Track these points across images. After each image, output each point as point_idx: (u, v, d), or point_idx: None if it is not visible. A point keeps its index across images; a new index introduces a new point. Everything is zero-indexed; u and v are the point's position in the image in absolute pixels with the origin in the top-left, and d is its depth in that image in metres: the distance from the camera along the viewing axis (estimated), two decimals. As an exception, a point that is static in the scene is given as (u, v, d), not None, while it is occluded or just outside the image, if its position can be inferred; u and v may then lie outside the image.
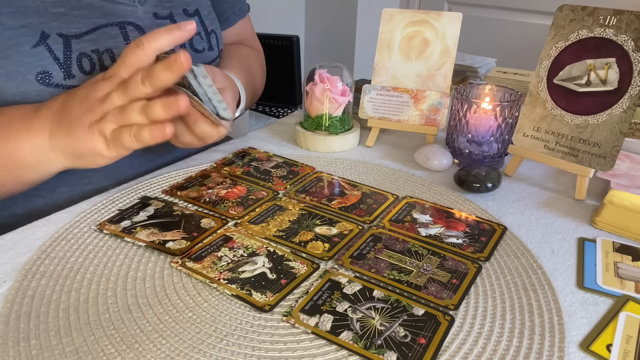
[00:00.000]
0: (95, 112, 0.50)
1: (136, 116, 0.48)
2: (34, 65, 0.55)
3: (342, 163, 0.71)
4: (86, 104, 0.50)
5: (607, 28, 0.59)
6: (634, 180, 0.63)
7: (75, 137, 0.51)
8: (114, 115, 0.49)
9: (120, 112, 0.49)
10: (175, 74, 0.47)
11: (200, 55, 0.72)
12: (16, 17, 0.54)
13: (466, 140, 0.70)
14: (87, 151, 0.51)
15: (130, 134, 0.49)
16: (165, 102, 0.47)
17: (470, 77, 1.03)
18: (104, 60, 0.60)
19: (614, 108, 0.58)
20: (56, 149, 0.52)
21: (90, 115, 0.50)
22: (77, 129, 0.51)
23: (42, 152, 0.53)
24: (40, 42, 0.55)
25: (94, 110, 0.50)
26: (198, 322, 0.41)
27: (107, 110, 0.49)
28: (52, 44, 0.56)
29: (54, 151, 0.53)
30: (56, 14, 0.57)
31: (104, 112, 0.49)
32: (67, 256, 0.48)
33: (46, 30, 0.56)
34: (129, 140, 0.49)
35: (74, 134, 0.51)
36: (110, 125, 0.49)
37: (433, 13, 0.73)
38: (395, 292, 0.45)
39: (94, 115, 0.50)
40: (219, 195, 0.60)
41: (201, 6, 0.74)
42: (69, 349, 0.38)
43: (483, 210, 0.59)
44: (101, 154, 0.51)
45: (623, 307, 0.44)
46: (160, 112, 0.48)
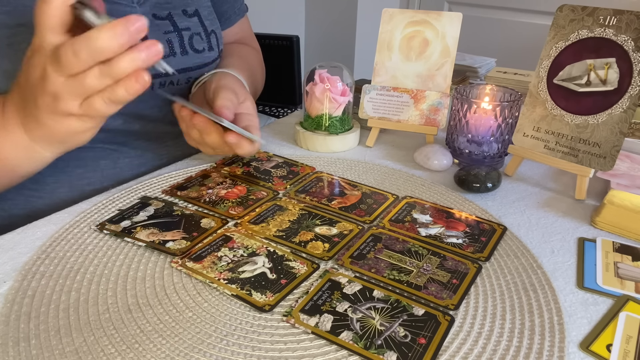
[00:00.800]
0: (44, 93, 0.45)
1: (98, 82, 0.43)
2: None
3: (342, 163, 0.71)
4: (33, 88, 0.46)
5: (607, 28, 0.59)
6: (634, 180, 0.63)
7: (45, 125, 0.48)
8: (68, 92, 0.44)
9: (74, 87, 0.43)
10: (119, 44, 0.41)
11: (200, 55, 0.72)
12: (14, 16, 0.54)
13: (466, 140, 0.70)
14: (64, 133, 0.48)
15: (103, 98, 0.44)
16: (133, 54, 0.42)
17: (470, 77, 1.03)
18: None
19: (614, 108, 0.58)
20: (36, 140, 0.50)
21: (42, 99, 0.45)
22: (41, 117, 0.47)
23: (26, 147, 0.51)
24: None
25: (42, 92, 0.45)
26: (198, 322, 0.41)
27: (54, 89, 0.44)
28: None
29: (36, 143, 0.50)
30: None
31: (53, 92, 0.44)
32: (67, 256, 0.48)
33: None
34: (103, 106, 0.45)
35: (43, 123, 0.48)
36: (69, 102, 0.45)
37: (433, 13, 0.73)
38: (395, 292, 0.45)
39: (46, 98, 0.45)
40: (219, 195, 0.60)
41: (201, 6, 0.74)
42: (69, 349, 0.38)
43: (483, 210, 0.59)
44: (80, 131, 0.48)
45: (623, 307, 0.44)
46: (126, 66, 0.42)
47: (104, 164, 0.67)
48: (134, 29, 0.41)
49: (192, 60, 0.71)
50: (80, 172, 0.65)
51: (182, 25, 0.70)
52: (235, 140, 0.57)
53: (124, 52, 0.42)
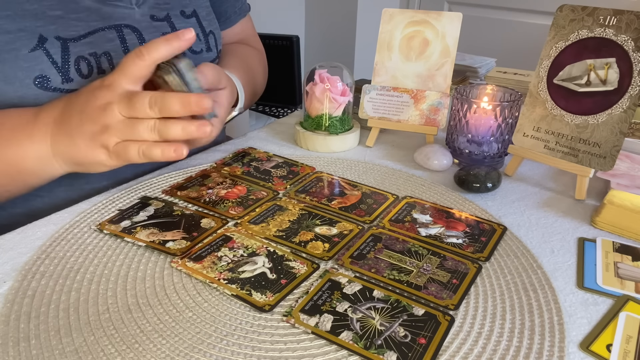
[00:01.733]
0: (96, 122, 0.50)
1: (147, 133, 0.49)
2: (31, 69, 0.55)
3: (342, 163, 0.71)
4: (86, 113, 0.50)
5: (607, 28, 0.59)
6: (634, 180, 0.63)
7: (77, 146, 0.51)
8: (118, 129, 0.49)
9: (127, 127, 0.49)
10: (189, 112, 0.48)
11: (198, 56, 0.72)
12: (14, 20, 0.54)
13: (466, 140, 0.70)
14: (88, 161, 0.52)
15: (138, 149, 0.49)
16: (186, 125, 0.48)
17: (470, 77, 1.03)
18: (102, 64, 0.60)
19: (614, 108, 0.58)
20: (57, 156, 0.53)
21: (91, 126, 0.50)
22: (78, 139, 0.51)
23: (44, 159, 0.53)
24: (38, 45, 0.55)
25: (94, 120, 0.50)
26: (198, 322, 0.41)
27: (108, 123, 0.49)
28: (50, 48, 0.56)
29: (55, 158, 0.53)
30: (54, 17, 0.57)
31: (105, 124, 0.49)
32: (67, 256, 0.48)
33: (44, 34, 0.56)
34: (135, 156, 0.50)
35: (75, 144, 0.51)
36: (113, 138, 0.50)
37: (433, 13, 0.73)
38: (395, 292, 0.45)
39: (95, 126, 0.50)
40: (219, 195, 0.60)
41: (199, 7, 0.74)
42: (69, 349, 0.38)
43: (483, 210, 0.59)
44: (102, 164, 0.52)
45: (623, 307, 0.44)
46: (179, 133, 0.48)
47: None
48: (203, 105, 0.48)
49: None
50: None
51: (179, 27, 0.70)
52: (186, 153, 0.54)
53: (181, 119, 0.49)
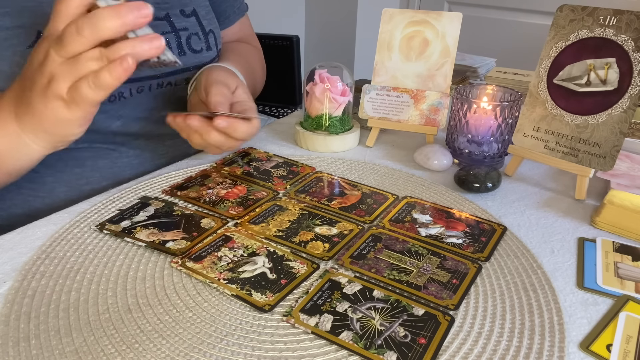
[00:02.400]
0: (42, 75, 0.45)
1: (92, 63, 0.43)
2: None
3: (342, 163, 0.71)
4: (33, 72, 0.46)
5: (607, 28, 0.59)
6: (634, 180, 0.63)
7: (34, 108, 0.47)
8: (61, 72, 0.44)
9: (70, 65, 0.44)
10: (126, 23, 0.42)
11: (198, 55, 0.72)
12: (12, 17, 0.54)
13: (466, 140, 0.70)
14: (51, 121, 0.48)
15: (88, 83, 0.44)
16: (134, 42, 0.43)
17: (470, 77, 1.03)
18: None
19: (614, 108, 0.58)
20: (25, 129, 0.50)
21: (39, 81, 0.46)
22: (33, 100, 0.47)
23: (14, 138, 0.50)
24: (36, 42, 0.55)
25: (41, 73, 0.45)
26: (198, 322, 0.41)
27: (51, 70, 0.44)
28: None
29: (24, 132, 0.50)
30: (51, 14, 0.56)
31: (50, 72, 0.45)
32: (67, 256, 0.48)
33: (42, 31, 0.56)
34: (89, 91, 0.44)
35: (32, 106, 0.47)
36: (61, 83, 0.45)
37: (433, 13, 0.73)
38: (395, 292, 0.45)
39: (42, 79, 0.45)
40: (219, 195, 0.60)
41: (199, 6, 0.74)
42: (69, 349, 0.38)
43: (483, 210, 0.59)
44: (66, 118, 0.47)
45: (623, 307, 0.44)
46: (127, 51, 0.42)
47: (102, 164, 0.67)
48: (138, 12, 0.42)
49: (190, 60, 0.71)
50: (79, 171, 0.65)
51: (179, 26, 0.70)
52: (226, 124, 0.56)
53: (127, 39, 0.43)
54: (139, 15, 0.42)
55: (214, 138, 0.58)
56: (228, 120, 0.56)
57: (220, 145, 0.60)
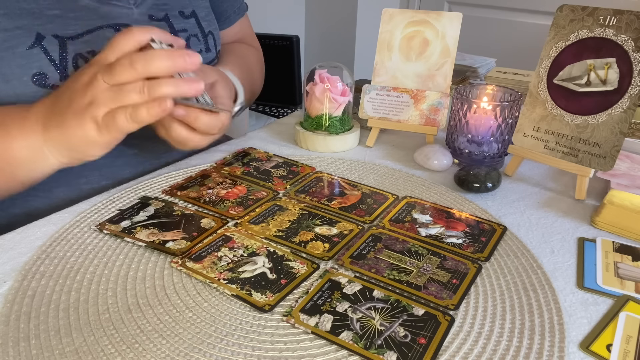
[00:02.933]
0: (83, 97, 0.48)
1: (135, 95, 0.47)
2: (29, 66, 0.55)
3: (342, 163, 0.71)
4: (74, 91, 0.49)
5: (607, 28, 0.59)
6: (634, 180, 0.63)
7: (66, 124, 0.49)
8: (104, 98, 0.47)
9: (114, 93, 0.47)
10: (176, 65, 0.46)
11: None
12: (11, 18, 0.54)
13: (466, 140, 0.70)
14: (79, 139, 0.50)
15: (125, 114, 0.47)
16: (175, 80, 0.47)
17: (470, 77, 1.03)
18: None
19: (614, 108, 0.58)
20: (48, 141, 0.51)
21: (78, 101, 0.48)
22: (67, 116, 0.49)
23: (35, 149, 0.51)
24: (36, 43, 0.55)
25: (82, 95, 0.48)
26: (198, 322, 0.41)
27: (94, 93, 0.47)
28: (48, 46, 0.56)
29: (46, 145, 0.51)
30: (51, 16, 0.57)
31: (92, 96, 0.47)
32: (67, 256, 0.48)
33: (41, 32, 0.56)
34: (124, 121, 0.47)
35: (65, 122, 0.49)
36: (101, 108, 0.47)
37: (433, 13, 0.73)
38: (395, 292, 0.45)
39: (82, 100, 0.48)
40: (219, 195, 0.60)
41: (198, 7, 0.74)
42: (69, 349, 0.38)
43: (483, 210, 0.59)
44: (93, 140, 0.50)
45: (623, 307, 0.44)
46: (169, 87, 0.47)
47: (101, 163, 0.66)
48: (189, 59, 0.47)
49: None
50: (78, 170, 0.65)
51: (178, 27, 0.70)
52: (183, 112, 0.53)
53: (170, 78, 0.47)
54: (189, 62, 0.47)
55: (176, 131, 0.56)
56: (187, 108, 0.54)
57: (184, 141, 0.57)
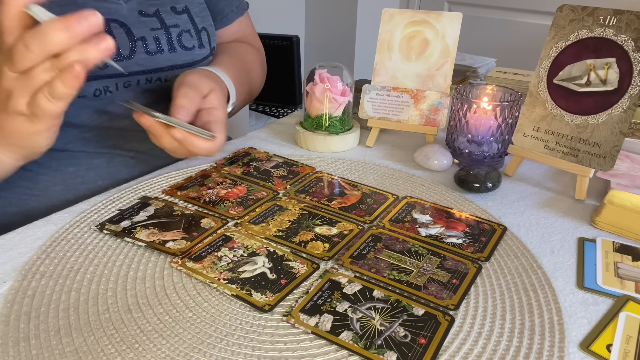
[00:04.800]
0: (0, 92, 0.45)
1: (46, 74, 0.43)
2: None
3: (342, 163, 0.71)
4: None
5: (607, 28, 0.59)
6: (634, 180, 0.63)
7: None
8: (17, 88, 0.44)
9: (24, 80, 0.44)
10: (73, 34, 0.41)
11: (189, 52, 0.71)
12: None
13: (466, 140, 0.70)
14: (17, 134, 0.48)
15: (44, 95, 0.43)
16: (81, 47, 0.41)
17: (470, 77, 1.03)
18: None
19: (614, 108, 0.58)
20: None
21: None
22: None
23: None
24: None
25: None
26: (198, 322, 0.41)
27: (7, 86, 0.44)
28: None
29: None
30: None
31: (6, 89, 0.44)
32: (67, 256, 0.48)
33: None
34: (47, 103, 0.44)
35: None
36: (20, 99, 0.44)
37: (433, 13, 0.73)
38: (395, 292, 0.45)
39: (1, 97, 0.45)
40: (219, 195, 0.60)
41: (191, 3, 0.73)
42: (69, 349, 0.38)
43: (483, 210, 0.59)
44: (31, 131, 0.47)
45: (623, 307, 0.44)
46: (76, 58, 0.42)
47: (97, 163, 0.66)
48: (87, 23, 0.41)
49: (180, 57, 0.70)
50: (73, 170, 0.65)
51: (169, 22, 0.69)
52: (181, 136, 0.54)
53: (75, 45, 0.42)
54: (89, 24, 0.41)
55: (167, 142, 0.56)
56: (184, 134, 0.54)
57: (174, 151, 0.57)
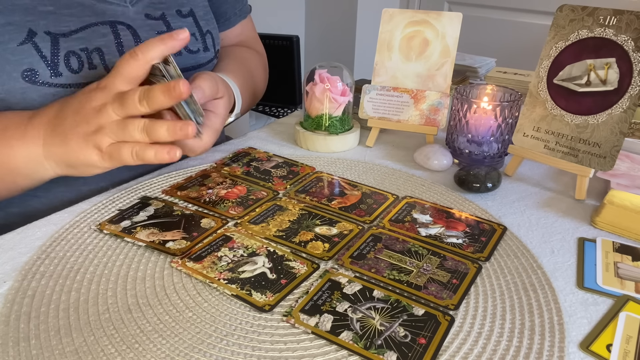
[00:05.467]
0: (90, 123, 0.50)
1: (137, 134, 0.49)
2: (19, 62, 0.55)
3: (342, 163, 0.71)
4: (81, 114, 0.50)
5: (607, 28, 0.59)
6: (634, 180, 0.63)
7: (69, 147, 0.51)
8: (111, 130, 0.49)
9: (119, 128, 0.49)
10: (173, 100, 0.47)
11: (194, 55, 0.72)
12: (3, 14, 0.54)
13: (466, 140, 0.70)
14: (80, 162, 0.52)
15: (132, 151, 0.49)
16: (171, 125, 0.48)
17: (470, 77, 1.03)
18: (93, 59, 0.59)
19: (614, 108, 0.58)
20: (49, 157, 0.53)
21: (85, 126, 0.50)
22: (71, 139, 0.51)
23: (35, 161, 0.53)
24: (27, 39, 0.55)
25: (89, 121, 0.50)
26: (198, 322, 0.41)
27: (102, 123, 0.49)
28: (40, 42, 0.56)
29: (47, 159, 0.53)
30: (45, 12, 0.57)
31: (100, 124, 0.49)
32: (67, 256, 0.48)
33: (33, 28, 0.55)
34: (129, 157, 0.50)
35: (68, 144, 0.51)
36: (106, 139, 0.50)
37: (433, 13, 0.73)
38: (395, 292, 0.45)
39: (89, 127, 0.50)
40: (219, 195, 0.60)
41: (196, 6, 0.73)
42: (69, 349, 0.38)
43: (483, 210, 0.59)
44: (95, 165, 0.52)
45: (623, 307, 0.44)
46: (164, 134, 0.49)
47: None
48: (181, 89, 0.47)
49: (186, 60, 0.70)
50: None
51: (175, 26, 0.69)
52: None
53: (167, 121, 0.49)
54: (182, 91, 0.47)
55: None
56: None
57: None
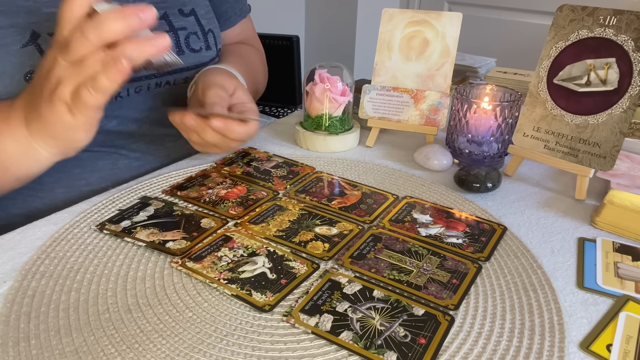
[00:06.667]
0: (49, 81, 0.46)
1: (96, 66, 0.44)
2: (23, 64, 0.55)
3: (342, 163, 0.71)
4: (42, 78, 0.47)
5: (607, 28, 0.59)
6: (634, 180, 0.63)
7: (42, 114, 0.48)
8: (66, 76, 0.45)
9: (74, 69, 0.45)
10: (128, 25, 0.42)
11: (197, 54, 0.72)
12: (6, 16, 0.54)
13: (466, 140, 0.70)
14: (57, 126, 0.48)
15: (87, 87, 0.45)
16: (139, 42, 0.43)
17: (470, 77, 1.03)
18: None
19: (614, 108, 0.58)
20: (33, 134, 0.50)
21: (46, 87, 0.47)
22: (41, 105, 0.48)
23: (23, 143, 0.51)
24: (30, 41, 0.55)
25: (47, 78, 0.46)
26: (198, 322, 0.41)
27: (58, 74, 0.46)
28: (43, 44, 0.56)
29: (33, 138, 0.50)
30: (48, 14, 0.56)
31: (57, 78, 0.46)
32: (67, 256, 0.48)
33: (37, 30, 0.55)
34: (88, 95, 0.45)
35: (40, 111, 0.48)
36: (66, 87, 0.45)
37: (433, 13, 0.73)
38: (395, 292, 0.45)
39: (49, 85, 0.46)
40: (219, 195, 0.60)
41: (198, 6, 0.74)
42: (69, 349, 0.38)
43: (483, 210, 0.59)
44: (70, 124, 0.48)
45: (623, 307, 0.44)
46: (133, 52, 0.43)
47: (102, 165, 0.67)
48: (142, 15, 0.43)
49: (188, 59, 0.71)
50: (78, 172, 0.65)
51: (177, 25, 0.70)
52: (221, 124, 0.56)
53: (132, 39, 0.43)
54: (144, 18, 0.43)
55: (210, 137, 0.58)
56: (224, 121, 0.56)
57: (217, 145, 0.60)
